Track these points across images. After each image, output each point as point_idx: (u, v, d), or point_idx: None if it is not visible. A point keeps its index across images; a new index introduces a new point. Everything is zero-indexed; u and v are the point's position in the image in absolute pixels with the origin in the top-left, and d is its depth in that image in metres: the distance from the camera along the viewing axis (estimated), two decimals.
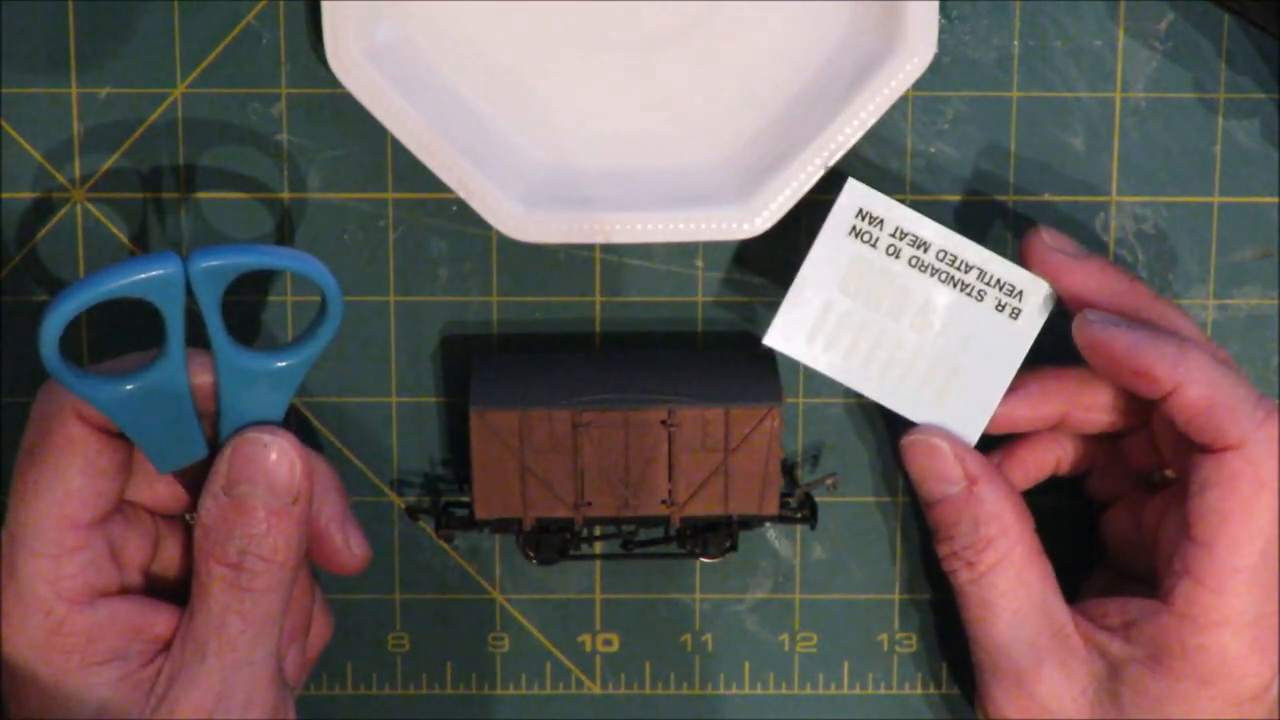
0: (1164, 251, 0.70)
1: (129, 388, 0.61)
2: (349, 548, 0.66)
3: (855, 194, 0.65)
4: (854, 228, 0.65)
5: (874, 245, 0.65)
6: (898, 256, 0.65)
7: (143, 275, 0.59)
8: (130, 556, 0.64)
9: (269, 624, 0.62)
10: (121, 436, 0.62)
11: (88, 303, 0.59)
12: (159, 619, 0.63)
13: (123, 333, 0.69)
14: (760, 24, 0.67)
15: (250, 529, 0.61)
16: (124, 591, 0.63)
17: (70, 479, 0.61)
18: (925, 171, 0.69)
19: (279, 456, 0.62)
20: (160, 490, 0.64)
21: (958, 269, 0.65)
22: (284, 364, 0.62)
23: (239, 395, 0.62)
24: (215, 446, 0.63)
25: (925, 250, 0.65)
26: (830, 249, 0.65)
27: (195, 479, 0.63)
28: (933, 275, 0.65)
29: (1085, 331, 0.63)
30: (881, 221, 0.65)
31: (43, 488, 0.61)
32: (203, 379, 0.62)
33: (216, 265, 0.60)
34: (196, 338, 0.61)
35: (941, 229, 0.65)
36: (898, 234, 0.65)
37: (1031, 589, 0.65)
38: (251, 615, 0.61)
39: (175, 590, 0.65)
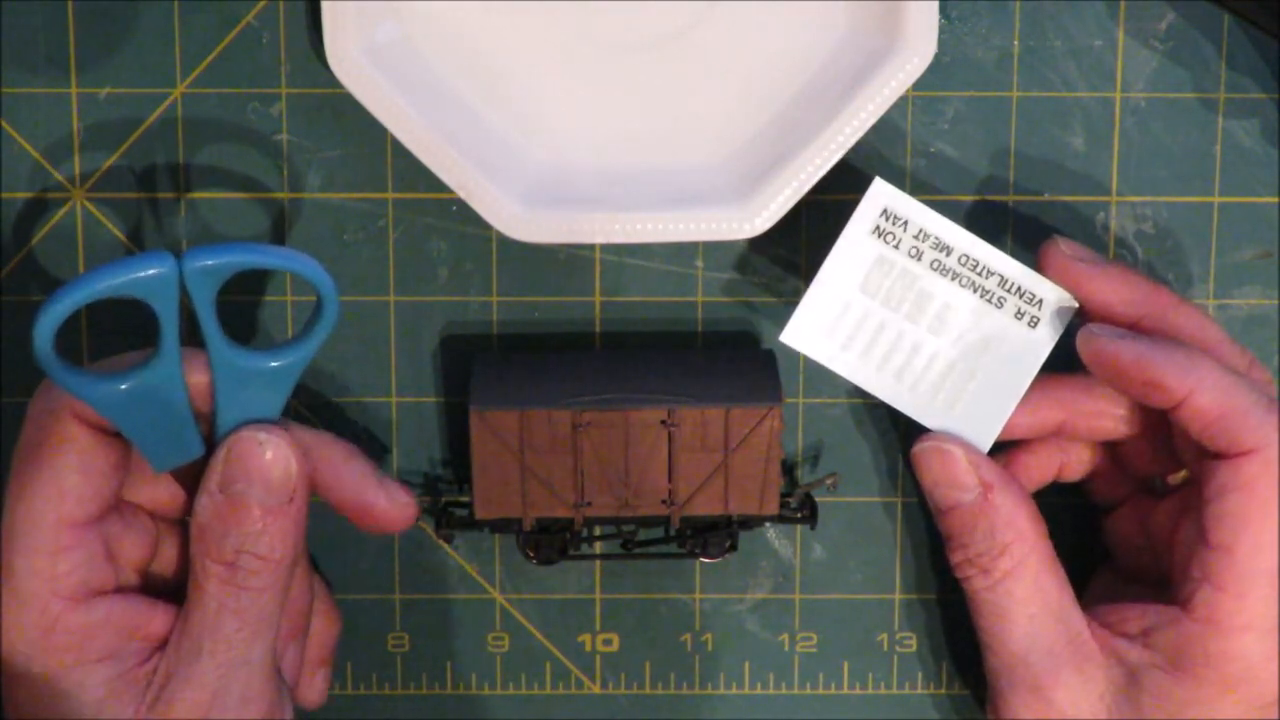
0: (1164, 251, 0.70)
1: (124, 387, 0.61)
2: (393, 503, 0.65)
3: (881, 193, 0.64)
4: (877, 227, 0.64)
5: (896, 246, 0.64)
6: (919, 259, 0.65)
7: (137, 274, 0.59)
8: (127, 556, 0.64)
9: (265, 622, 0.62)
10: (118, 435, 0.62)
11: (82, 301, 0.59)
12: (155, 618, 0.63)
13: (119, 332, 0.69)
14: (760, 24, 0.67)
15: (246, 527, 0.61)
16: (120, 591, 0.63)
17: (66, 477, 0.61)
18: (925, 171, 0.69)
19: (274, 455, 0.62)
20: (158, 490, 0.65)
21: (979, 274, 0.65)
22: (279, 363, 0.62)
23: (235, 394, 0.62)
24: (211, 445, 0.63)
25: (948, 254, 0.65)
26: (853, 247, 0.64)
27: (192, 478, 0.63)
28: (954, 279, 0.65)
29: (1091, 345, 0.63)
30: (905, 222, 0.64)
31: (39, 486, 0.61)
32: (198, 378, 0.62)
33: (210, 264, 0.60)
34: (192, 337, 0.61)
35: (965, 233, 0.64)
36: (921, 236, 0.64)
37: (1048, 595, 0.65)
38: (247, 614, 0.61)
39: (172, 590, 0.65)
